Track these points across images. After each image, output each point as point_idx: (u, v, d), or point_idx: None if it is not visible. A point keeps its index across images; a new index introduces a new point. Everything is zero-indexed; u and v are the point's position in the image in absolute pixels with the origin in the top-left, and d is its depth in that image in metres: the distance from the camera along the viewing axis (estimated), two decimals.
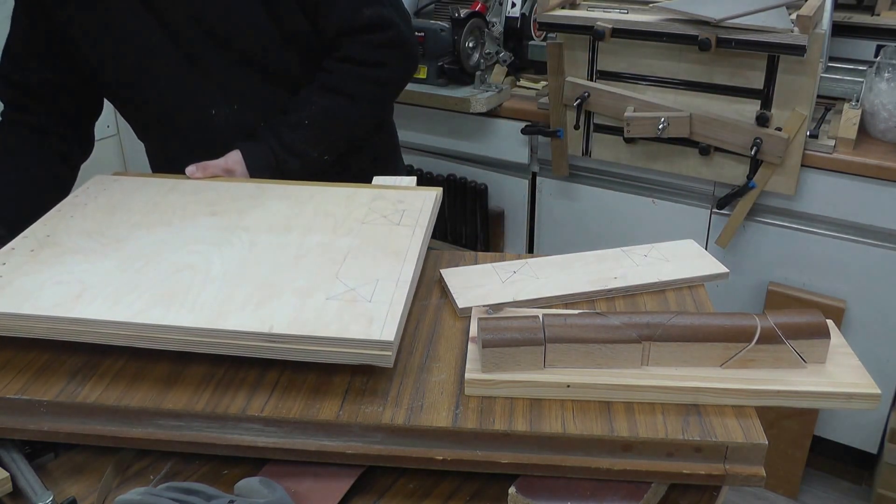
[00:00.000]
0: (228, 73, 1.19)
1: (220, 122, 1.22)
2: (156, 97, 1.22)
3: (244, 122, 1.22)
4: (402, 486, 0.78)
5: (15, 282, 0.87)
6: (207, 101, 1.21)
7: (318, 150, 1.22)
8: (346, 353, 0.77)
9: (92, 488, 0.78)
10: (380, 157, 1.42)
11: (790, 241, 1.87)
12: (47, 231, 0.98)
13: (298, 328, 0.77)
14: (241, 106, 1.22)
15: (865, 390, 0.77)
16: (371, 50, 1.20)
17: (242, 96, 1.21)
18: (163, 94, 1.21)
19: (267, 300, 0.82)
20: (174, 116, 1.24)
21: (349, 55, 1.20)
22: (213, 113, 1.21)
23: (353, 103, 1.22)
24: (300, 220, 1.00)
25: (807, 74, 1.69)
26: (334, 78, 1.21)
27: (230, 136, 1.22)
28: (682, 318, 0.81)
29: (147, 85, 1.21)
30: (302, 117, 1.20)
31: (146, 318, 0.80)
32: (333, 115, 1.21)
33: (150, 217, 1.02)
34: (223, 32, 1.15)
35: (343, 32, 1.19)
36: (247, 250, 0.93)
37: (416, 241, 0.94)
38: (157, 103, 1.23)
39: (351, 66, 1.21)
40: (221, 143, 1.21)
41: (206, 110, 1.21)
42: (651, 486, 0.74)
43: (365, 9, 1.17)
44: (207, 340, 0.79)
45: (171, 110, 1.23)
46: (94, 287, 0.85)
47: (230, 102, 1.21)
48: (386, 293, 0.83)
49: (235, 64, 1.18)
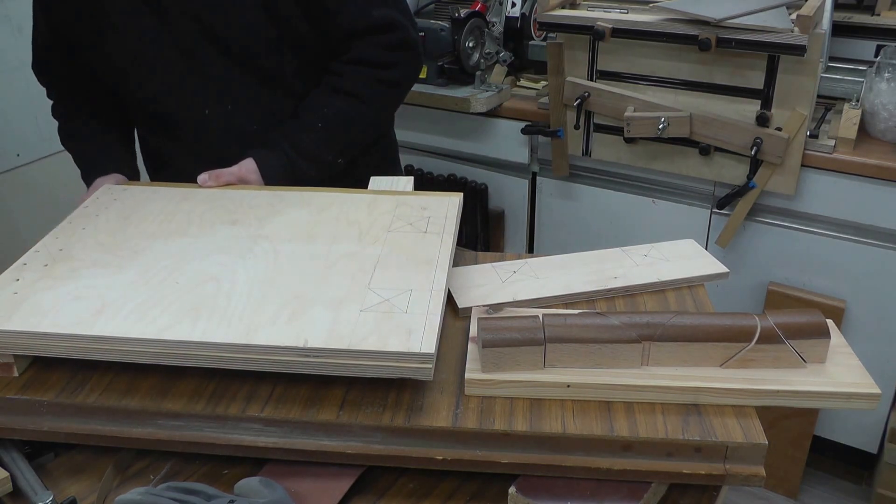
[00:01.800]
0: (224, 73, 1.18)
1: (213, 121, 1.21)
2: (151, 92, 1.21)
3: (237, 123, 1.22)
4: (402, 486, 0.78)
5: (30, 298, 0.84)
6: (201, 99, 1.20)
7: (333, 154, 1.22)
8: (385, 366, 0.75)
9: (92, 488, 0.78)
10: (386, 157, 1.42)
11: (790, 241, 1.87)
12: (59, 245, 0.95)
13: (335, 342, 0.75)
14: (235, 107, 1.21)
15: (865, 390, 0.77)
16: (381, 51, 1.19)
17: (236, 97, 1.20)
18: (158, 89, 1.21)
19: (298, 313, 0.80)
20: (168, 113, 1.23)
21: (360, 57, 1.20)
22: (207, 112, 1.21)
23: (365, 105, 1.21)
24: (323, 229, 0.98)
25: (807, 74, 1.68)
26: (345, 80, 1.20)
27: (223, 136, 1.22)
28: (681, 318, 0.81)
29: (143, 79, 1.20)
30: (315, 121, 1.19)
31: (174, 335, 0.77)
32: (347, 117, 1.21)
33: (166, 227, 0.99)
34: (221, 32, 1.14)
35: (353, 34, 1.18)
36: (272, 260, 0.91)
37: (445, 248, 0.93)
38: (152, 99, 1.22)
39: (362, 67, 1.20)
40: (214, 143, 1.21)
41: (200, 109, 1.21)
42: (651, 485, 0.74)
43: (374, 10, 1.17)
44: (240, 356, 0.77)
45: (166, 107, 1.22)
46: (115, 302, 0.83)
47: (224, 103, 1.20)
48: (421, 304, 0.81)
49: (231, 64, 1.17)
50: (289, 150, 1.18)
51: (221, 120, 1.21)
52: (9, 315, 0.81)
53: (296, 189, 1.12)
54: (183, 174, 1.19)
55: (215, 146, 1.20)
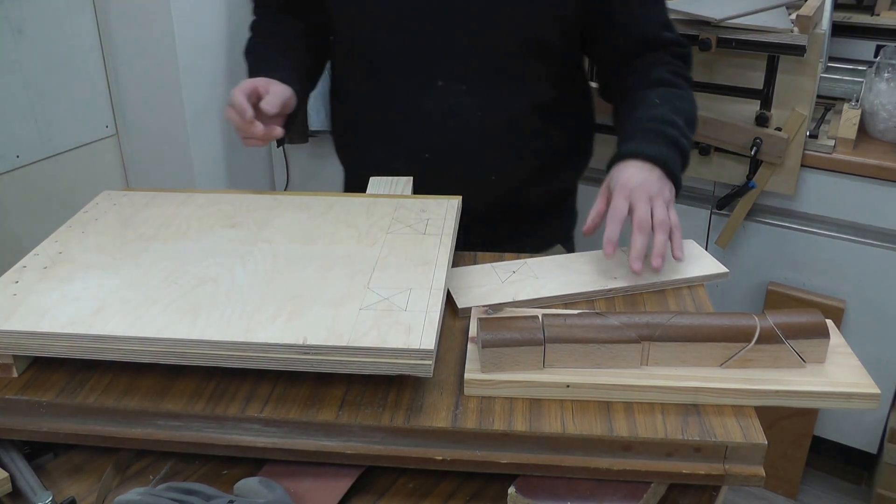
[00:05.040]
0: (474, 54, 1.14)
1: (439, 94, 1.17)
2: (389, 44, 1.17)
3: (457, 107, 1.17)
4: (401, 486, 0.78)
5: (29, 299, 0.84)
6: (440, 70, 1.16)
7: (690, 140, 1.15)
8: (385, 363, 0.75)
9: (91, 488, 0.78)
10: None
11: (790, 241, 1.87)
12: (59, 248, 0.96)
13: (334, 339, 0.75)
14: (469, 87, 1.16)
15: (865, 390, 0.77)
16: (687, 59, 1.22)
17: (472, 80, 1.16)
18: (399, 44, 1.17)
19: (297, 312, 0.80)
20: (398, 70, 1.19)
21: (680, 53, 1.20)
22: (440, 84, 1.17)
23: (691, 95, 1.19)
24: (323, 231, 0.98)
25: (806, 74, 1.69)
26: (677, 69, 1.18)
27: (437, 113, 1.18)
28: (681, 318, 0.81)
29: (388, 27, 1.17)
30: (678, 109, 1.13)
31: (173, 334, 0.77)
32: (689, 102, 1.17)
33: (166, 230, 1.00)
34: (499, 13, 1.11)
35: (650, 45, 1.19)
36: (270, 262, 0.91)
37: (444, 248, 0.93)
38: (386, 51, 1.18)
39: (683, 64, 1.20)
40: (424, 114, 1.17)
41: (434, 79, 1.17)
42: (650, 486, 0.74)
43: (668, 29, 1.21)
44: (238, 354, 0.77)
45: (398, 63, 1.18)
46: (114, 302, 0.83)
47: (460, 82, 1.16)
48: (421, 301, 0.81)
49: (485, 47, 1.14)
50: (670, 132, 1.09)
51: (447, 97, 1.17)
52: (8, 315, 0.81)
53: (296, 193, 1.12)
54: (372, 129, 1.21)
55: (424, 117, 1.17)
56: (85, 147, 2.06)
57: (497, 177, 1.22)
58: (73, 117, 2.00)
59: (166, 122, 2.07)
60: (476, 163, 1.21)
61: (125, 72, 2.06)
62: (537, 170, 1.26)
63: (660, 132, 1.07)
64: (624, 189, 1.01)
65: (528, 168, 1.25)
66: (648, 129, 1.08)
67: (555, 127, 1.24)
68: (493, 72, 1.16)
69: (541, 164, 1.25)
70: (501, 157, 1.21)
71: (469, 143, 1.19)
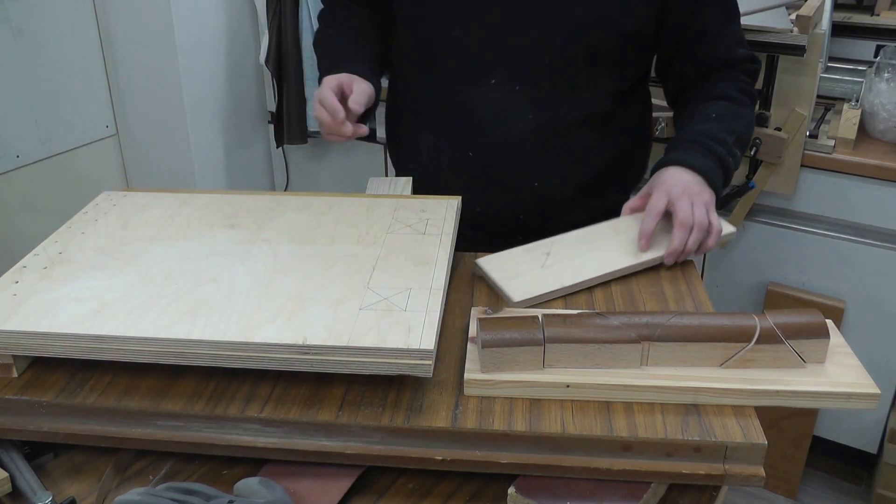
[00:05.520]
0: (531, 55, 1.12)
1: (490, 92, 1.15)
2: (447, 36, 1.16)
3: (508, 106, 1.15)
4: (401, 486, 0.78)
5: (30, 300, 0.84)
6: (495, 67, 1.14)
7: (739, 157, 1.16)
8: (385, 363, 0.75)
9: (91, 488, 0.78)
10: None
11: (790, 241, 1.87)
12: (59, 248, 0.96)
13: (334, 339, 0.76)
14: (522, 88, 1.14)
15: (865, 390, 0.77)
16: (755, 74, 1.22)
17: (526, 81, 1.14)
18: (458, 37, 1.15)
19: (297, 312, 0.80)
20: (453, 63, 1.17)
21: (750, 69, 1.20)
22: (493, 82, 1.15)
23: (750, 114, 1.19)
24: (322, 231, 0.99)
25: (806, 74, 1.68)
26: (743, 86, 1.19)
27: (487, 110, 1.16)
28: (681, 318, 0.81)
29: (446, 20, 1.15)
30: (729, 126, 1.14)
31: (173, 333, 0.78)
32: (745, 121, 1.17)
33: (166, 231, 1.00)
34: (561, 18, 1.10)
35: (738, 61, 1.19)
36: (271, 262, 0.91)
37: (444, 248, 0.93)
38: (443, 43, 1.17)
39: (751, 79, 1.21)
40: (474, 110, 1.16)
41: (488, 76, 1.15)
42: (650, 486, 0.74)
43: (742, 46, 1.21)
44: (238, 354, 0.77)
45: (454, 55, 1.17)
46: (114, 303, 0.83)
47: (513, 82, 1.14)
48: (420, 301, 0.82)
49: (543, 50, 1.12)
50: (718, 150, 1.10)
51: (498, 95, 1.16)
52: (8, 316, 0.81)
53: (296, 194, 1.12)
54: (421, 120, 1.20)
55: (471, 111, 1.16)
56: (85, 147, 2.07)
57: (540, 185, 1.19)
58: (73, 117, 2.01)
59: (166, 122, 2.08)
60: (519, 167, 1.18)
61: (125, 72, 2.06)
62: (584, 184, 1.22)
63: (708, 147, 1.09)
64: (664, 186, 1.04)
65: (574, 181, 1.21)
66: (697, 142, 1.10)
67: (608, 141, 1.21)
68: (549, 76, 1.14)
69: (588, 180, 1.22)
70: (547, 165, 1.19)
71: (515, 146, 1.17)
